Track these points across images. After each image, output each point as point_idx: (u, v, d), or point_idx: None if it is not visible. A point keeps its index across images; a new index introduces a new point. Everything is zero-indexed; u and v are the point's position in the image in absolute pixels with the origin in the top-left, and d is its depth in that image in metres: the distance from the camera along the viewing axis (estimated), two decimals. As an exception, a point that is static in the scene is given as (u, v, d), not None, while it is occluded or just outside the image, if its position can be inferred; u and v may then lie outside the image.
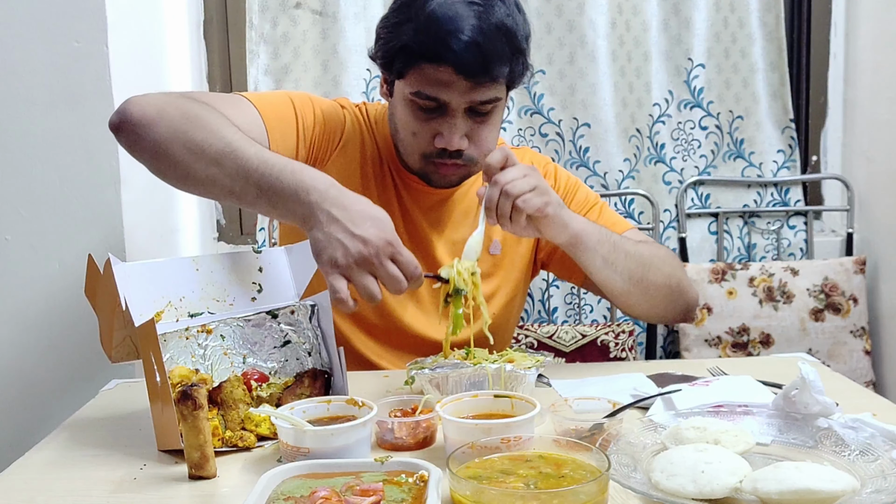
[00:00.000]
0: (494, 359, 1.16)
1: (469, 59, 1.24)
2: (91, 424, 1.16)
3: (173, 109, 1.16)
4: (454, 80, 1.26)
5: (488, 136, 1.34)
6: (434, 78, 1.27)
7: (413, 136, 1.34)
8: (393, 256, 1.06)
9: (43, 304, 1.77)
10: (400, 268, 1.06)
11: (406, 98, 1.31)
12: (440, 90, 1.27)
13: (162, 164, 1.17)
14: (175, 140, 1.14)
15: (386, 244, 1.06)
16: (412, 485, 0.83)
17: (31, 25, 1.70)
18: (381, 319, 1.41)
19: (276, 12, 2.30)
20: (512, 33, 1.27)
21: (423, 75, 1.27)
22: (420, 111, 1.31)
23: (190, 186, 1.17)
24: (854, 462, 0.91)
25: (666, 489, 0.84)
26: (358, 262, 1.04)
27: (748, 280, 2.36)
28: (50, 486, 0.95)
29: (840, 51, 2.51)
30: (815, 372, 1.00)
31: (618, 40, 2.37)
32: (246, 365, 1.14)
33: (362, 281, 1.05)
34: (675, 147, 2.48)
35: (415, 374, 1.14)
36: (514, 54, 1.28)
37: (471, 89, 1.27)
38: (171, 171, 1.17)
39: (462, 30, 1.23)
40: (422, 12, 1.26)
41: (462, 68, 1.25)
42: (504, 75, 1.28)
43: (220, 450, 1.02)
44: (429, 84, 1.28)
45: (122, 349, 1.12)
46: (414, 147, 1.35)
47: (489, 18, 1.25)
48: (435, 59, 1.25)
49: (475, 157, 1.34)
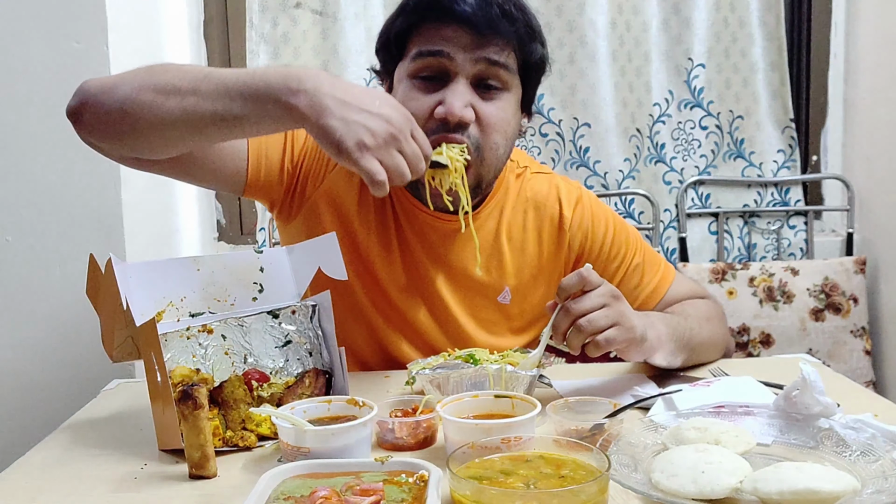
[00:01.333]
0: (496, 359, 1.16)
1: (474, 7, 1.17)
2: (92, 424, 1.16)
3: (132, 73, 1.11)
4: (458, 35, 1.18)
5: (495, 120, 1.23)
6: (435, 34, 1.20)
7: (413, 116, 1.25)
8: (412, 132, 1.04)
9: (44, 305, 1.77)
10: (419, 142, 1.04)
11: (407, 75, 1.24)
12: (442, 43, 1.19)
13: (130, 119, 1.07)
14: (143, 89, 1.07)
15: (406, 120, 1.03)
16: (412, 485, 0.83)
17: (31, 26, 1.70)
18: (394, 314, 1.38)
19: (276, 12, 2.30)
20: (524, 7, 1.23)
21: (425, 36, 1.21)
22: (421, 82, 1.22)
23: (166, 133, 1.07)
24: (855, 462, 0.91)
25: (666, 489, 0.84)
26: (387, 141, 1.00)
27: (748, 280, 2.37)
28: (51, 486, 0.95)
29: (840, 50, 2.51)
30: (815, 372, 1.00)
31: (618, 40, 2.37)
32: (247, 365, 1.14)
33: (394, 161, 1.01)
34: (676, 147, 2.48)
35: (416, 374, 1.13)
36: (526, 25, 1.22)
37: (477, 46, 1.19)
38: (143, 122, 1.07)
39: None
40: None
41: (465, 17, 1.17)
42: (512, 36, 1.20)
43: (221, 449, 1.02)
44: (431, 41, 1.20)
45: (123, 349, 1.12)
46: None
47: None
48: (436, 13, 1.19)
49: (480, 140, 1.22)
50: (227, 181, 1.29)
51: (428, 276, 1.35)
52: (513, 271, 1.37)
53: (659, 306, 1.39)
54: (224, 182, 1.30)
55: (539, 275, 1.38)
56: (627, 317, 1.12)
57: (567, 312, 1.10)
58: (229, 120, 1.04)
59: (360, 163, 0.99)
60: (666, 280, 1.41)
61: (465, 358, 1.15)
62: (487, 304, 1.37)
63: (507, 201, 1.37)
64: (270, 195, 1.34)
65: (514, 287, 1.37)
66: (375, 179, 0.99)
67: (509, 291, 1.37)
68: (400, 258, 1.34)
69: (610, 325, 1.10)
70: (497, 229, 1.36)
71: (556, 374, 1.27)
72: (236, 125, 1.04)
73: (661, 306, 1.39)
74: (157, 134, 1.09)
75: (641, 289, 1.39)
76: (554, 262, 1.39)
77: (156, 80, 1.07)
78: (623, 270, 1.39)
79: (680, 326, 1.27)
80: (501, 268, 1.36)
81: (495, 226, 1.36)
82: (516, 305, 1.38)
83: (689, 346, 1.28)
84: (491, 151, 1.24)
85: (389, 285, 1.34)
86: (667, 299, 1.40)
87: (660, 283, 1.40)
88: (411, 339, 1.36)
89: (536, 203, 1.38)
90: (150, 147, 1.13)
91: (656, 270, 1.41)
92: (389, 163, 1.01)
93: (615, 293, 1.13)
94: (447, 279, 1.35)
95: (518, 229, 1.37)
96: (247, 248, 2.44)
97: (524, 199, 1.38)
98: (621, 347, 1.13)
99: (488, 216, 1.36)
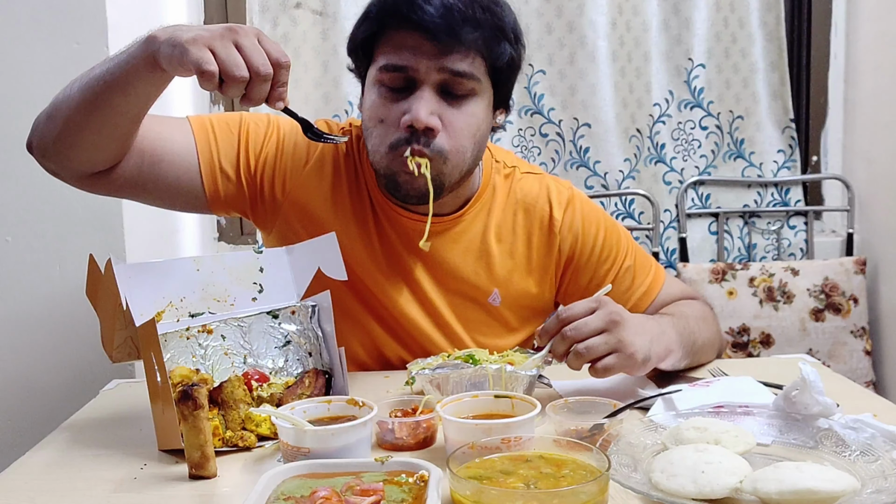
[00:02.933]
0: (495, 359, 1.16)
1: (432, 17, 1.14)
2: (92, 424, 1.16)
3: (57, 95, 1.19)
4: (420, 44, 1.16)
5: (463, 126, 1.21)
6: (399, 44, 1.18)
7: (380, 124, 1.22)
8: (258, 36, 1.02)
9: (44, 305, 1.77)
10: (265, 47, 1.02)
11: (374, 81, 1.22)
12: (405, 56, 1.18)
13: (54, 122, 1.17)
14: (58, 95, 1.18)
15: (253, 28, 1.03)
16: (412, 485, 0.83)
17: (31, 27, 1.70)
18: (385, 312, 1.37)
19: (276, 12, 2.30)
20: (492, 8, 1.19)
21: (389, 45, 1.20)
22: (389, 92, 1.21)
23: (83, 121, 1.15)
24: (854, 462, 0.91)
25: (666, 489, 0.84)
26: (222, 34, 1.00)
27: (748, 280, 2.37)
28: (51, 486, 0.95)
29: (840, 51, 2.51)
30: (815, 372, 1.00)
31: (618, 40, 2.37)
32: (246, 365, 1.14)
33: (227, 51, 0.99)
34: (676, 147, 2.48)
35: (415, 374, 1.13)
36: (493, 31, 1.19)
37: (439, 54, 1.17)
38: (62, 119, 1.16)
39: None
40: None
41: (424, 28, 1.15)
42: (477, 44, 1.17)
43: (221, 450, 1.02)
44: (394, 52, 1.19)
45: (122, 349, 1.13)
46: (382, 137, 1.22)
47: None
48: (398, 20, 1.17)
49: (446, 150, 1.20)
50: (187, 199, 1.30)
51: (414, 279, 1.34)
52: (502, 273, 1.36)
53: (650, 308, 1.38)
54: (184, 200, 1.31)
55: (529, 277, 1.37)
56: (627, 343, 1.10)
57: (564, 338, 1.09)
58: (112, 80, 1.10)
59: (189, 54, 0.99)
60: (657, 282, 1.40)
61: (464, 358, 1.15)
62: (477, 306, 1.36)
63: (495, 202, 1.36)
64: (239, 207, 1.34)
65: (504, 289, 1.36)
66: (203, 69, 0.98)
67: (499, 294, 1.36)
68: (385, 261, 1.33)
69: (609, 352, 1.09)
70: (484, 231, 1.35)
71: (556, 374, 1.27)
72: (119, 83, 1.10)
73: (652, 308, 1.39)
74: (78, 126, 1.15)
75: (633, 291, 1.38)
76: (544, 264, 1.38)
77: (68, 85, 1.17)
78: (614, 273, 1.37)
79: (686, 330, 1.26)
80: (490, 270, 1.35)
81: (482, 227, 1.35)
82: (507, 308, 1.37)
83: (693, 349, 1.28)
84: (457, 155, 1.22)
85: (376, 287, 1.33)
86: (658, 301, 1.39)
87: (651, 285, 1.39)
88: (405, 342, 1.36)
89: (526, 205, 1.37)
90: (85, 146, 1.18)
91: (647, 272, 1.40)
92: (222, 53, 0.99)
93: (615, 316, 1.10)
94: (434, 282, 1.34)
95: (507, 231, 1.36)
96: (247, 248, 2.44)
97: (514, 201, 1.37)
98: (622, 371, 1.13)
99: (475, 217, 1.34)
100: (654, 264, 1.43)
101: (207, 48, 0.99)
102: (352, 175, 1.34)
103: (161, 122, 1.27)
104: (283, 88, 1.04)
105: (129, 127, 1.19)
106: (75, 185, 1.26)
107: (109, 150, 1.20)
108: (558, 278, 1.39)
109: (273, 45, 1.03)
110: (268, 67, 1.01)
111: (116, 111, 1.14)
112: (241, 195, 1.32)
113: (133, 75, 1.09)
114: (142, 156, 1.24)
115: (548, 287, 1.39)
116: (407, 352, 1.35)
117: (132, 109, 1.16)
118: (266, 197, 1.33)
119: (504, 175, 1.38)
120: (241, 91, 1.02)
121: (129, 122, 1.18)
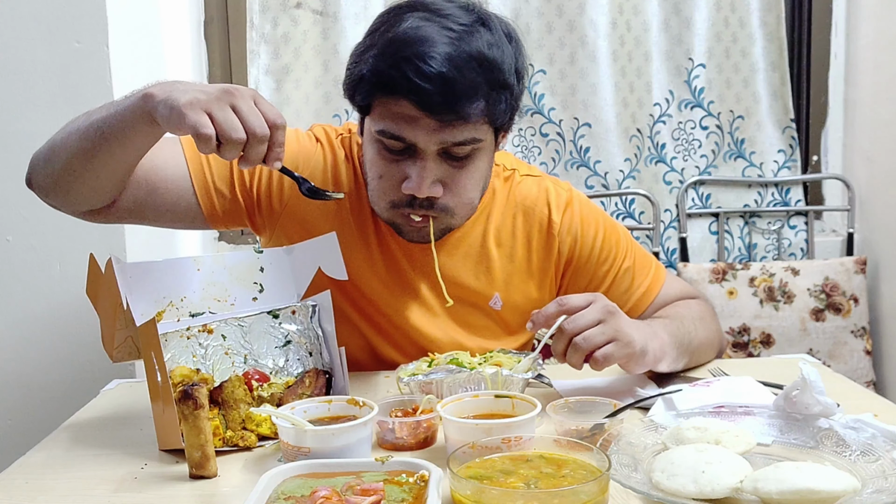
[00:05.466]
0: (479, 361, 1.16)
1: (430, 92, 1.08)
2: (92, 424, 1.16)
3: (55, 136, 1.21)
4: (418, 117, 1.11)
5: (467, 183, 1.19)
6: (396, 113, 1.12)
7: (380, 179, 1.20)
8: (255, 98, 1.03)
9: (44, 305, 1.77)
10: (262, 109, 1.02)
11: (372, 136, 1.18)
12: (403, 128, 1.13)
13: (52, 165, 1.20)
14: (55, 137, 1.20)
15: (249, 90, 1.03)
16: (413, 484, 0.83)
17: (32, 26, 1.70)
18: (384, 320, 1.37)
19: (276, 12, 2.30)
20: (493, 65, 1.11)
21: (386, 110, 1.14)
22: (387, 151, 1.17)
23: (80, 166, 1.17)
24: (855, 462, 0.91)
25: (667, 489, 0.84)
26: (219, 97, 1.00)
27: (749, 280, 2.37)
28: (51, 486, 0.95)
29: (841, 51, 2.51)
30: (816, 372, 1.00)
31: (618, 40, 2.37)
32: (247, 365, 1.14)
33: (224, 114, 0.99)
34: (676, 147, 2.48)
35: (408, 380, 1.13)
36: (495, 89, 1.12)
37: (439, 128, 1.12)
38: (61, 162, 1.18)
39: (424, 56, 1.08)
40: (385, 36, 1.12)
41: (422, 102, 1.09)
42: (478, 114, 1.12)
43: (221, 449, 1.02)
44: (391, 120, 1.13)
45: (123, 349, 1.13)
46: (381, 193, 1.21)
47: (463, 46, 1.09)
48: (391, 91, 1.11)
49: (451, 207, 1.19)
50: (186, 220, 1.32)
51: (415, 286, 1.33)
52: (502, 277, 1.35)
53: (650, 309, 1.38)
54: (184, 221, 1.32)
55: (530, 280, 1.37)
56: (625, 332, 1.11)
57: (562, 332, 1.10)
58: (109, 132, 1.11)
59: (186, 118, 0.99)
60: (657, 282, 1.40)
61: (449, 362, 1.15)
62: (478, 311, 1.36)
63: (495, 206, 1.35)
64: (238, 221, 1.34)
65: (505, 293, 1.36)
66: (200, 132, 0.98)
67: (499, 298, 1.35)
68: (384, 268, 1.33)
69: (607, 342, 1.09)
70: (484, 235, 1.34)
71: (556, 374, 1.27)
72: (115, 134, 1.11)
73: (651, 309, 1.38)
74: (76, 172, 1.18)
75: (632, 292, 1.38)
76: (544, 267, 1.37)
77: (64, 127, 1.19)
78: (613, 274, 1.37)
79: (679, 331, 1.26)
80: (490, 274, 1.35)
81: (482, 232, 1.34)
82: (508, 311, 1.37)
83: (690, 349, 1.28)
84: (463, 207, 1.22)
85: (374, 294, 1.33)
86: (658, 302, 1.39)
87: (651, 285, 1.39)
88: (404, 347, 1.35)
89: (525, 208, 1.36)
90: (83, 190, 1.21)
91: (647, 273, 1.40)
92: (219, 116, 0.99)
93: (610, 308, 1.12)
94: (433, 287, 1.33)
95: (507, 235, 1.35)
96: (247, 248, 2.44)
97: (513, 204, 1.36)
98: (621, 362, 1.13)
99: (474, 222, 1.34)
100: (653, 264, 1.42)
101: (204, 111, 1.00)
102: (351, 182, 1.33)
103: (154, 149, 1.27)
104: (281, 149, 1.05)
105: (125, 171, 1.22)
106: (78, 218, 1.29)
107: (107, 191, 1.23)
108: (558, 280, 1.39)
109: (269, 106, 1.04)
110: (264, 129, 1.01)
111: (114, 159, 1.16)
112: (238, 210, 1.32)
113: (130, 129, 1.11)
114: (138, 186, 1.27)
115: (548, 290, 1.39)
116: (407, 359, 1.35)
117: (129, 158, 1.18)
118: (263, 209, 1.33)
119: (504, 178, 1.37)
120: (238, 152, 1.02)
121: (125, 168, 1.21)
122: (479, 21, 1.14)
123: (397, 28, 1.12)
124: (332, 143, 1.34)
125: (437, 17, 1.12)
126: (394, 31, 1.12)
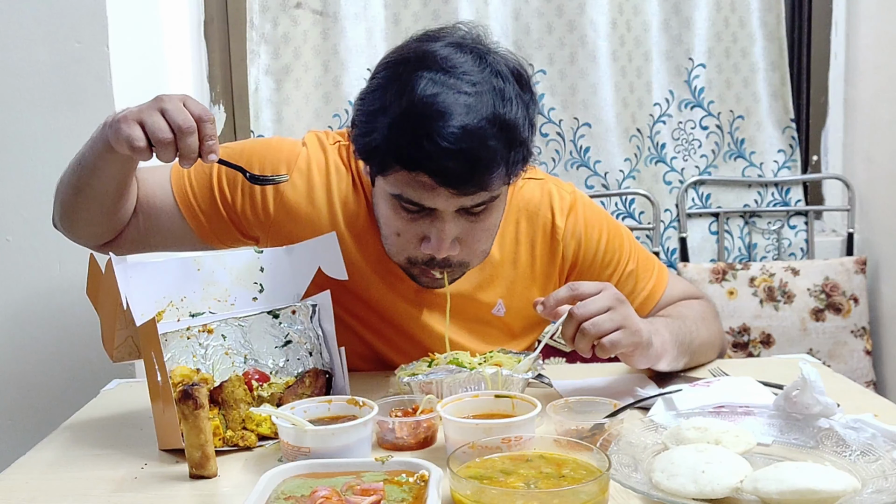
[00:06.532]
0: (479, 361, 1.16)
1: (452, 169, 1.06)
2: (92, 424, 1.16)
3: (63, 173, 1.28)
4: (437, 187, 1.09)
5: (483, 236, 1.20)
6: (415, 182, 1.10)
7: (397, 236, 1.20)
8: (184, 100, 1.07)
9: (44, 305, 1.77)
10: (188, 107, 1.06)
11: (387, 195, 1.17)
12: (423, 196, 1.12)
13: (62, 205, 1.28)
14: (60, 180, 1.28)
15: (180, 94, 1.08)
16: (413, 484, 0.84)
17: (32, 26, 1.70)
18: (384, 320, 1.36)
19: (276, 12, 2.30)
20: (509, 125, 1.09)
21: (403, 178, 1.12)
22: (404, 211, 1.16)
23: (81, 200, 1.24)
24: (855, 462, 0.91)
25: (667, 489, 0.84)
26: (149, 106, 1.06)
27: (749, 280, 2.37)
28: (51, 486, 0.95)
29: (841, 50, 2.51)
30: (816, 372, 1.00)
31: (618, 40, 2.37)
32: (247, 364, 1.14)
33: (152, 119, 1.04)
34: (676, 147, 2.48)
35: (408, 380, 1.13)
36: (512, 149, 1.10)
37: (458, 196, 1.11)
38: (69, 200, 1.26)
39: (444, 133, 1.05)
40: (399, 103, 1.08)
41: (444, 180, 1.08)
42: (498, 181, 1.11)
43: (221, 449, 1.02)
44: (410, 188, 1.12)
45: (123, 349, 1.13)
46: (399, 248, 1.21)
47: (481, 111, 1.07)
48: (412, 167, 1.09)
49: (468, 261, 1.21)
50: (187, 242, 1.36)
51: (417, 295, 1.32)
52: (505, 283, 1.34)
53: (654, 311, 1.38)
54: (186, 244, 1.36)
55: (533, 285, 1.36)
56: (633, 320, 1.12)
57: (572, 317, 1.10)
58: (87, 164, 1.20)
59: (120, 132, 1.05)
60: (661, 284, 1.40)
61: (449, 362, 1.15)
62: (481, 318, 1.35)
63: None
64: (233, 237, 1.35)
65: (508, 300, 1.35)
66: (134, 144, 1.05)
67: (503, 304, 1.35)
68: (385, 274, 1.31)
69: (615, 328, 1.10)
70: None
71: (556, 374, 1.27)
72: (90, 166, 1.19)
73: (655, 311, 1.38)
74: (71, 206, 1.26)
75: (636, 295, 1.37)
76: (548, 272, 1.36)
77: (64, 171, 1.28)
78: (616, 278, 1.36)
79: (681, 330, 1.26)
80: (493, 281, 1.34)
81: None
82: (512, 317, 1.36)
83: (691, 349, 1.28)
84: (480, 257, 1.24)
85: (374, 300, 1.32)
86: (661, 303, 1.39)
87: (654, 287, 1.39)
88: (408, 354, 1.33)
89: (529, 212, 1.35)
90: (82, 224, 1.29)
91: (650, 275, 1.39)
92: (148, 121, 1.04)
93: (620, 297, 1.13)
94: (434, 295, 1.32)
95: (510, 240, 1.34)
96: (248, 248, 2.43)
97: (516, 209, 1.34)
98: (627, 351, 1.13)
99: None
100: (656, 266, 1.42)
101: (136, 122, 1.05)
102: (349, 190, 1.31)
103: (146, 178, 1.32)
104: (213, 142, 1.08)
105: (111, 203, 1.25)
106: (97, 252, 1.32)
107: (103, 224, 1.29)
108: (562, 284, 1.38)
109: (196, 104, 1.08)
110: (189, 122, 1.05)
111: (96, 191, 1.22)
112: (226, 227, 1.33)
113: (99, 159, 1.17)
114: (137, 217, 1.32)
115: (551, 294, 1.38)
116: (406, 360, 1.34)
117: (106, 187, 1.22)
118: (252, 223, 1.32)
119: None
120: (172, 152, 1.06)
121: (110, 199, 1.26)
122: (491, 72, 1.11)
123: (412, 94, 1.07)
124: (325, 148, 1.33)
125: (450, 79, 1.08)
126: (407, 99, 1.07)
